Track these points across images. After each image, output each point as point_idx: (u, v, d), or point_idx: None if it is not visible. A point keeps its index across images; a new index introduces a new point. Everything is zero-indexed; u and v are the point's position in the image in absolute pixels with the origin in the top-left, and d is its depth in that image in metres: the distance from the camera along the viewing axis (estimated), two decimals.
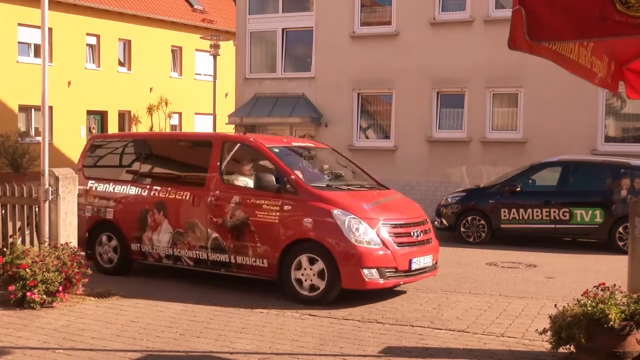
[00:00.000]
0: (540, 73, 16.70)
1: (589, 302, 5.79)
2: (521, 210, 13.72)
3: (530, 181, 14.21)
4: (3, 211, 9.10)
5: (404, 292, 9.09)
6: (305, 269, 8.39)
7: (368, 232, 8.27)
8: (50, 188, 8.49)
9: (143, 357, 6.18)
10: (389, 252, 8.30)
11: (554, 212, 13.49)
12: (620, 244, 12.72)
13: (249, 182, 9.07)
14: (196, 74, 37.30)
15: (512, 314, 8.00)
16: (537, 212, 13.61)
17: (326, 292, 8.29)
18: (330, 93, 20.30)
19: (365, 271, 8.14)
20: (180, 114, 36.86)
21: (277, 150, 9.24)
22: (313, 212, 8.40)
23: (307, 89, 20.79)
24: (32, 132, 30.25)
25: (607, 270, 10.76)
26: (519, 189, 13.96)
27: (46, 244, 8.31)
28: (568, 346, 5.92)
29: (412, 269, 8.54)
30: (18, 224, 9.05)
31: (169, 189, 9.53)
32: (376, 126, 20.59)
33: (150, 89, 34.64)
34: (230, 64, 25.21)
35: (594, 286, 6.00)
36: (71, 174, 8.86)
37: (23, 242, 8.85)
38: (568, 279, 10.27)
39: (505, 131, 18.45)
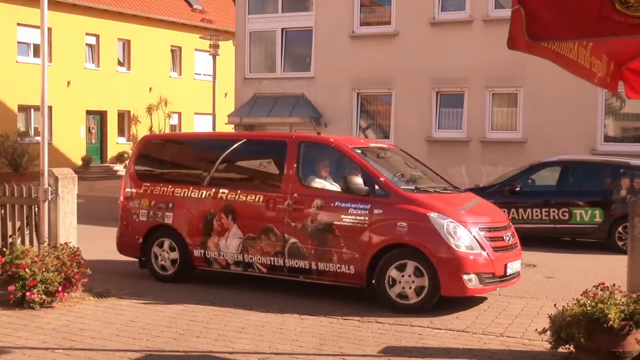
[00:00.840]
0: (540, 73, 16.71)
1: (589, 301, 5.79)
2: (521, 210, 13.69)
3: (529, 181, 14.19)
4: (3, 211, 9.09)
5: None
6: (403, 275, 7.99)
7: (466, 236, 7.96)
8: (50, 188, 8.48)
9: (142, 357, 6.18)
10: (487, 256, 8.01)
11: (554, 211, 13.47)
12: (620, 243, 12.71)
13: (327, 185, 8.68)
14: (195, 73, 37.35)
15: (512, 314, 8.00)
16: (536, 211, 13.59)
17: (426, 300, 7.96)
18: (329, 93, 20.29)
19: (465, 277, 7.84)
20: (179, 114, 36.91)
21: (359, 151, 8.82)
22: (407, 215, 8.02)
23: (307, 88, 20.79)
24: (32, 132, 30.28)
25: (606, 270, 10.74)
26: (518, 189, 13.94)
27: (45, 243, 8.30)
28: (567, 346, 5.92)
29: (507, 273, 8.25)
30: (18, 224, 9.04)
31: (238, 192, 9.02)
32: (376, 126, 20.59)
33: (150, 88, 34.66)
34: (229, 63, 25.23)
35: (594, 286, 6.00)
36: (70, 173, 8.85)
37: (22, 242, 8.84)
38: (568, 279, 10.27)
39: (504, 131, 18.47)
